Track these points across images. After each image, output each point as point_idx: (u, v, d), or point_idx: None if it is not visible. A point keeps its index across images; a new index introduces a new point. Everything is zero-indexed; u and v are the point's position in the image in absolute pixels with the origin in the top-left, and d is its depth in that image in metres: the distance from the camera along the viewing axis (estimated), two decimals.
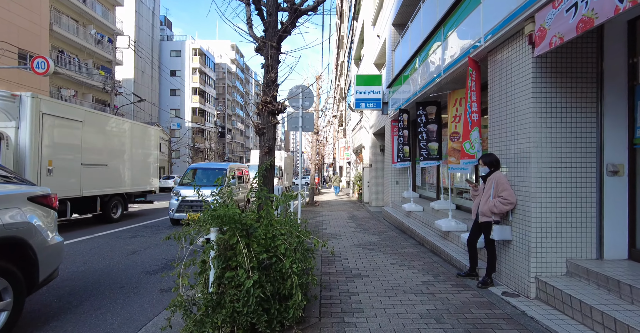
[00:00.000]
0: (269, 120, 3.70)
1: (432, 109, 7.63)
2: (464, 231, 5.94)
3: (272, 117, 3.73)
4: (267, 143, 3.75)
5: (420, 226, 7.60)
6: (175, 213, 9.43)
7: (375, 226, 9.10)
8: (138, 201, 12.21)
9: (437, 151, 7.55)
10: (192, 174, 10.62)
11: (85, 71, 27.34)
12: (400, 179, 10.93)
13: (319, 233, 7.80)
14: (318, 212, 12.56)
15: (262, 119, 3.74)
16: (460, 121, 6.05)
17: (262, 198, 3.42)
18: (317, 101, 16.76)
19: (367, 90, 11.22)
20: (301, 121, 7.68)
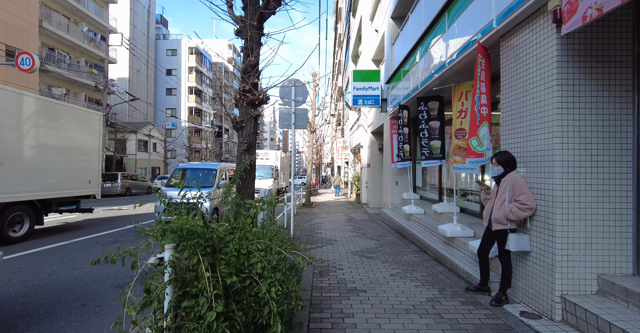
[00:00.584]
0: (248, 112, 3.17)
1: (434, 105, 7.09)
2: (470, 237, 5.41)
3: (251, 109, 3.19)
4: (246, 139, 3.22)
5: (422, 230, 7.06)
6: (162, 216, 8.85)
7: (374, 230, 8.56)
8: (64, 210, 9.06)
9: (440, 150, 7.02)
10: (181, 174, 10.06)
11: (78, 69, 26.72)
12: (400, 180, 10.39)
13: (313, 238, 7.26)
14: (314, 214, 12.01)
15: (241, 111, 3.20)
16: (467, 116, 5.52)
17: (235, 204, 2.87)
18: (314, 99, 16.22)
19: (365, 86, 10.68)
20: (294, 117, 7.14)
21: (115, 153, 27.41)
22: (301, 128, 7.26)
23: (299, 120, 7.23)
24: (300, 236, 7.47)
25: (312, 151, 16.70)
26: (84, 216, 11.10)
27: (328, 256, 5.67)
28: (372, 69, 11.12)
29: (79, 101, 27.16)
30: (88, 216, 11.15)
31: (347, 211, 13.31)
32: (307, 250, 6.07)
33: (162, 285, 2.14)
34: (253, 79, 3.13)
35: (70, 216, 10.94)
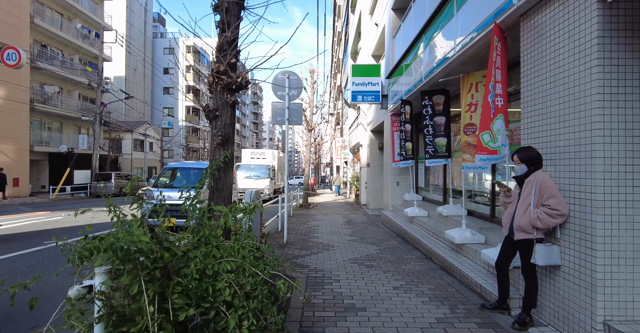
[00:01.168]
0: (224, 97, 2.63)
1: (439, 99, 6.56)
2: (481, 244, 4.87)
3: (228, 94, 2.65)
4: (220, 131, 2.68)
5: (427, 235, 6.52)
6: (148, 219, 8.31)
7: (374, 233, 8.02)
8: None
9: (446, 148, 6.48)
10: (170, 174, 9.51)
11: (71, 67, 26.15)
12: (401, 180, 9.85)
13: (308, 243, 6.72)
14: (311, 216, 11.46)
15: (215, 97, 2.66)
16: (477, 110, 4.99)
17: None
18: (312, 96, 15.69)
19: (364, 81, 10.14)
20: (287, 112, 6.59)
21: (109, 152, 26.83)
22: (296, 124, 6.72)
23: (293, 115, 6.69)
24: (294, 241, 6.92)
25: (309, 150, 16.15)
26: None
27: (324, 264, 5.13)
28: (371, 64, 10.58)
29: (73, 99, 26.63)
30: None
31: (346, 212, 12.77)
32: (301, 257, 5.53)
33: (87, 323, 1.59)
34: (230, 59, 2.59)
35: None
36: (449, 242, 5.48)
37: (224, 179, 2.77)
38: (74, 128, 27.47)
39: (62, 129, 26.25)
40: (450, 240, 5.29)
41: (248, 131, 79.41)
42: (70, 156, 23.54)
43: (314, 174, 36.91)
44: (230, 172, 2.86)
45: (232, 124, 2.78)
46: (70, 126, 26.86)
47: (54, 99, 24.89)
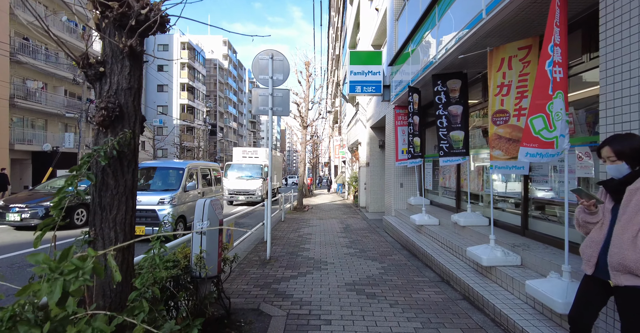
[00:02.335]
0: (118, 43, 1.50)
1: (455, 84, 5.43)
2: (516, 266, 3.74)
3: (124, 37, 1.53)
4: (109, 99, 1.55)
5: (440, 250, 5.38)
6: None
7: (375, 244, 6.88)
8: None
9: (463, 143, 5.36)
10: (141, 175, 8.34)
11: (56, 62, 24.94)
12: (406, 181, 8.72)
13: (297, 258, 5.57)
14: (305, 221, 10.32)
15: (104, 44, 1.54)
16: (510, 92, 3.85)
17: None
18: (308, 91, 14.54)
19: (364, 70, 9.00)
20: (271, 100, 5.45)
21: None
22: (282, 114, 5.57)
23: (278, 104, 5.54)
24: (280, 256, 5.78)
25: (305, 149, 15.01)
26: None
27: (312, 292, 3.99)
28: (372, 51, 9.46)
29: (58, 96, 25.41)
30: None
31: (344, 216, 11.63)
32: (284, 281, 4.39)
33: None
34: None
35: None
36: (471, 261, 4.35)
37: (116, 187, 1.63)
38: (59, 125, 26.28)
39: (46, 126, 25.05)
40: (473, 260, 4.16)
41: (245, 130, 78.24)
42: (55, 155, 22.37)
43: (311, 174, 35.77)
44: (130, 174, 1.72)
45: (134, 91, 1.65)
46: (56, 123, 25.64)
47: (38, 95, 23.69)
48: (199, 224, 2.77)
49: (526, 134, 2.72)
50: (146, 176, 8.23)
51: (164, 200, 7.34)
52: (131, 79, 1.63)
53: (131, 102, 1.64)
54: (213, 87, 59.84)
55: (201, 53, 53.24)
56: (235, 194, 16.00)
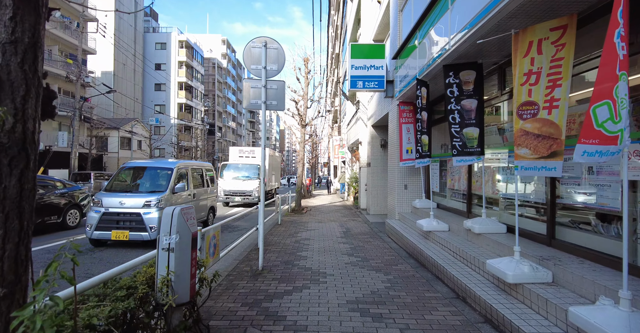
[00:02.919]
0: None
1: (469, 76, 4.89)
2: (547, 284, 3.20)
3: None
4: None
5: (452, 260, 4.83)
6: (95, 230, 6.61)
7: (379, 251, 6.34)
8: None
9: (478, 141, 4.81)
10: (127, 175, 7.79)
11: (49, 58, 24.37)
12: (410, 183, 8.17)
13: (292, 269, 5.02)
14: (302, 224, 9.77)
15: None
16: (540, 81, 3.31)
17: None
18: (306, 88, 13.99)
19: (365, 64, 8.45)
20: (264, 93, 4.90)
21: (90, 150, 25.05)
22: (276, 108, 5.02)
23: (273, 97, 4.99)
24: (274, 265, 5.23)
25: (304, 148, 14.46)
26: None
27: (309, 313, 3.44)
28: (374, 44, 8.92)
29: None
30: None
31: (344, 219, 11.08)
32: (277, 298, 3.83)
33: None
34: None
35: None
36: (491, 275, 3.80)
37: (21, 189, 1.06)
38: (53, 124, 25.71)
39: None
40: (495, 275, 3.61)
41: (244, 130, 77.67)
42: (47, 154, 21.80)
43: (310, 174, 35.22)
44: (15, 179, 1.15)
45: (22, 47, 1.11)
46: (48, 122, 25.04)
47: None
48: (166, 238, 2.22)
49: (586, 128, 2.17)
50: (131, 177, 7.68)
51: (150, 203, 6.78)
52: (16, 28, 1.09)
53: (16, 66, 1.10)
54: (212, 86, 59.29)
55: (199, 52, 52.68)
56: (231, 196, 15.44)
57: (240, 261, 5.50)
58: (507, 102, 4.99)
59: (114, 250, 6.69)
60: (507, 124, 4.94)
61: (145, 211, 6.69)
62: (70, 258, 1.23)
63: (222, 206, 15.74)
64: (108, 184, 7.37)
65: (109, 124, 29.55)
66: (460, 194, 6.52)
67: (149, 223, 6.63)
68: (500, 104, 5.15)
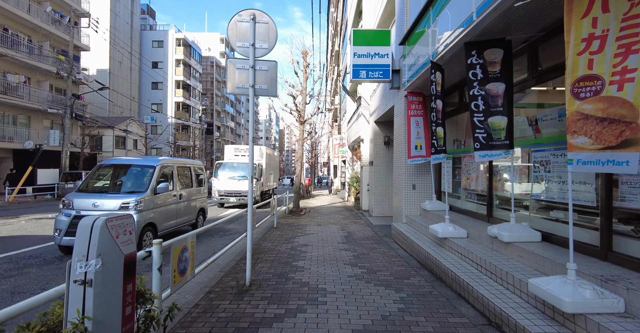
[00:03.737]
0: None
1: (495, 55, 4.12)
2: (620, 315, 2.42)
3: None
4: None
5: (477, 274, 4.05)
6: (65, 236, 5.84)
7: (386, 260, 5.56)
8: None
9: (506, 133, 4.04)
10: (105, 174, 7.00)
11: (40, 54, 23.59)
12: (419, 182, 7.40)
13: (285, 286, 4.24)
14: (300, 227, 9.00)
15: None
16: (605, 48, 2.53)
17: None
18: (305, 83, 13.22)
19: (369, 52, 7.68)
20: (252, 75, 4.13)
21: (82, 148, 24.26)
22: (267, 94, 4.24)
23: (263, 81, 4.22)
24: (265, 279, 4.46)
25: (302, 146, 13.69)
26: None
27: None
28: (379, 29, 8.15)
29: (43, 91, 24.06)
30: None
31: (345, 222, 10.30)
32: (265, 327, 3.05)
33: None
34: None
35: None
36: (536, 299, 3.02)
37: None
38: (44, 122, 24.92)
39: (29, 123, 23.68)
40: (543, 299, 2.84)
41: (243, 130, 76.88)
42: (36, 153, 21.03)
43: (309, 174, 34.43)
44: None
45: None
46: (40, 120, 24.29)
47: (20, 89, 22.33)
48: (80, 265, 1.44)
49: None
50: (109, 176, 6.90)
51: (127, 204, 6.00)
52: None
53: None
54: (210, 85, 58.53)
55: (197, 50, 51.90)
56: (226, 196, 14.66)
57: (226, 272, 4.73)
58: (538, 88, 4.23)
59: None
60: (540, 113, 4.17)
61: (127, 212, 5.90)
62: None
63: (217, 208, 14.97)
64: (82, 184, 6.59)
65: (103, 122, 28.76)
66: (477, 196, 5.76)
67: None
68: (532, 89, 4.38)
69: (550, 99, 4.16)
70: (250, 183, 4.12)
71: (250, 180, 4.09)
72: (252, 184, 4.14)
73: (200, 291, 4.00)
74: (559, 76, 3.72)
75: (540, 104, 4.34)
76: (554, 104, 3.97)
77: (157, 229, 6.57)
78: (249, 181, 4.09)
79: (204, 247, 6.92)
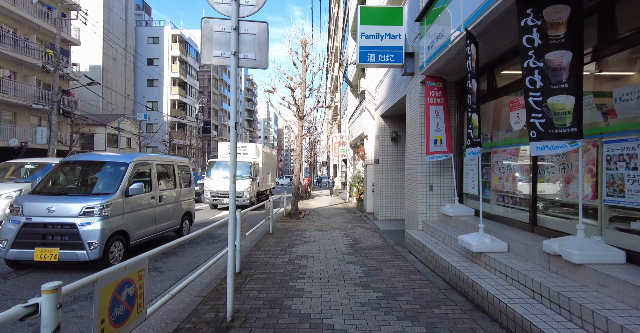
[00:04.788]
0: None
1: (558, 14, 3.11)
2: None
3: None
4: None
5: (540, 308, 3.01)
6: (11, 248, 4.79)
7: (403, 277, 4.54)
8: None
9: (573, 117, 3.03)
10: (68, 173, 5.95)
11: (26, 47, 22.51)
12: (437, 182, 6.37)
13: (281, 317, 3.21)
14: (299, 233, 7.97)
15: None
16: None
17: None
18: (304, 74, 12.20)
19: (379, 32, 6.66)
20: (235, 39, 3.09)
21: (70, 147, 23.20)
22: (256, 66, 3.20)
23: (249, 48, 3.19)
24: (254, 308, 3.43)
25: (301, 143, 12.67)
26: None
27: None
28: (389, 6, 7.13)
29: (29, 86, 22.98)
30: None
31: (348, 226, 9.28)
32: None
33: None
34: None
35: None
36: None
37: None
38: (31, 119, 23.83)
39: (15, 120, 22.59)
40: None
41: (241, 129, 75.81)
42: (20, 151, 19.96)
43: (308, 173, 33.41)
44: None
45: None
46: (26, 116, 23.20)
47: (5, 84, 21.25)
48: None
49: None
50: (72, 175, 5.85)
51: (91, 209, 4.96)
52: None
53: None
54: (207, 83, 57.47)
55: (194, 47, 50.80)
56: (219, 197, 13.61)
57: (205, 297, 3.70)
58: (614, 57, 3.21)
59: (40, 274, 4.87)
60: (620, 91, 3.16)
61: (84, 220, 4.87)
62: None
63: (210, 209, 13.93)
64: (38, 185, 5.53)
65: (95, 120, 27.65)
66: (513, 199, 4.74)
67: (88, 238, 4.82)
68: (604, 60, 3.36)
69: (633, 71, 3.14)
70: (233, 184, 3.09)
71: (233, 180, 3.07)
72: (234, 186, 3.12)
73: (164, 328, 2.97)
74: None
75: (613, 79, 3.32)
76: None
77: (128, 238, 5.53)
78: (230, 182, 3.07)
79: (186, 259, 5.89)
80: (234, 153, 3.16)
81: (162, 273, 5.09)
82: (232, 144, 3.14)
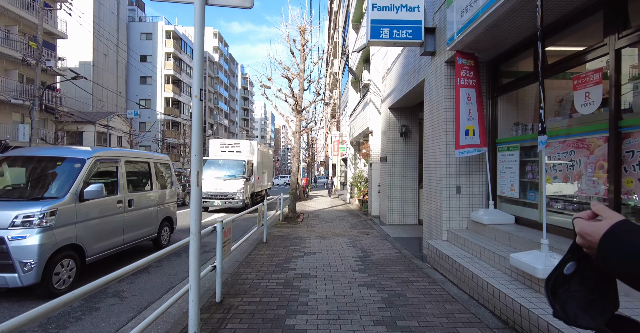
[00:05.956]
0: None
1: None
2: None
3: None
4: None
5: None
6: None
7: (438, 310, 3.43)
8: None
9: None
10: (8, 171, 4.79)
11: (7, 39, 21.24)
12: (465, 183, 5.26)
13: None
14: (298, 241, 6.85)
15: None
16: None
17: None
18: (303, 64, 11.09)
19: (393, 4, 5.55)
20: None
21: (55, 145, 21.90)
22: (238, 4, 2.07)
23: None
24: None
25: (299, 140, 11.55)
26: None
27: None
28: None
29: (11, 81, 21.68)
30: None
31: (353, 232, 8.16)
32: None
33: None
34: None
35: None
36: None
37: None
38: (14, 115, 22.55)
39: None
40: None
41: (237, 128, 74.51)
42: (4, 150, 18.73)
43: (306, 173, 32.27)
44: None
45: None
46: (7, 113, 21.91)
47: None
48: None
49: None
50: (12, 174, 4.69)
51: (29, 218, 3.81)
52: None
53: None
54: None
55: (189, 44, 49.50)
56: (210, 199, 12.45)
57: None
58: None
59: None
60: None
61: (15, 233, 3.72)
62: None
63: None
64: None
65: (82, 117, 26.36)
66: (574, 204, 3.65)
67: (20, 257, 3.67)
68: None
69: None
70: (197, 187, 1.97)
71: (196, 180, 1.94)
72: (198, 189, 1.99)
73: None
74: None
75: None
76: None
77: (85, 254, 4.39)
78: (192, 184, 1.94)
79: (159, 277, 4.76)
80: (197, 139, 2.04)
81: (124, 300, 3.96)
82: (194, 125, 2.02)
